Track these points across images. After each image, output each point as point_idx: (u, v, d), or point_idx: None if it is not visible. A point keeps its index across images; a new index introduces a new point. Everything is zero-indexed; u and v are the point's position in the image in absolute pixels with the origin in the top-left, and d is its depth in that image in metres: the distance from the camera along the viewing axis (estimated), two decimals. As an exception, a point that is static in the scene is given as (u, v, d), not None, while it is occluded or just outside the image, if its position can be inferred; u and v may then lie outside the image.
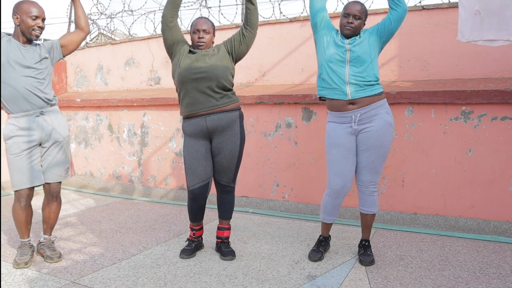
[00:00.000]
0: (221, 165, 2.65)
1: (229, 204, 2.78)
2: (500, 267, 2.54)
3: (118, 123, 4.87)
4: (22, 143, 2.56)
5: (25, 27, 2.52)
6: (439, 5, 3.42)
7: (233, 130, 2.61)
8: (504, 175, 3.09)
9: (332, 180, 2.59)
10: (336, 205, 2.65)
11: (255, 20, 2.60)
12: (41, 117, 2.61)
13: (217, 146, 2.62)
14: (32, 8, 2.52)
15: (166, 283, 2.33)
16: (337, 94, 2.49)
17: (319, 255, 2.67)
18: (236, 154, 2.64)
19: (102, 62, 5.23)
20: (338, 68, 2.48)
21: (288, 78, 4.05)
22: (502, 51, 3.22)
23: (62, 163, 2.72)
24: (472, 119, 3.16)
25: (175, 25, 2.62)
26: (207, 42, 2.60)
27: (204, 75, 2.52)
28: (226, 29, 4.32)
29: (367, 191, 2.60)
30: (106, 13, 5.36)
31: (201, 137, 2.61)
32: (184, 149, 2.67)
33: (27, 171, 2.56)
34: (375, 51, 2.51)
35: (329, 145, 2.60)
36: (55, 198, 2.73)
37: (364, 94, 2.46)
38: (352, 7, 2.50)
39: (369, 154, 2.52)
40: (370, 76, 2.46)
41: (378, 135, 2.49)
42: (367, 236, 2.72)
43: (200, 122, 2.56)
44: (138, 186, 4.73)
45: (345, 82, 2.46)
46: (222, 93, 2.57)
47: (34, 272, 2.49)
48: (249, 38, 2.63)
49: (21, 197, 2.58)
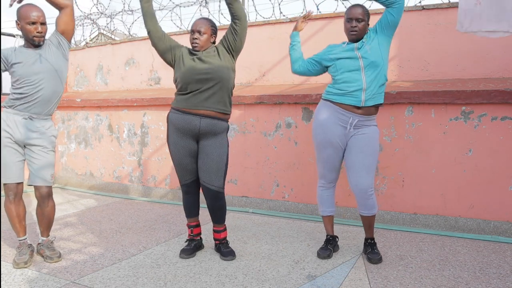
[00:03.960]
0: (210, 167, 2.61)
1: (221, 211, 2.74)
2: (500, 267, 2.54)
3: (118, 123, 4.87)
4: (5, 138, 2.57)
5: (25, 33, 2.52)
6: (439, 5, 3.42)
7: (221, 138, 2.64)
8: (504, 175, 3.09)
9: (326, 174, 2.73)
10: (330, 194, 2.77)
11: (239, 11, 2.56)
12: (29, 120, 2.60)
13: (205, 147, 2.61)
14: (29, 13, 2.49)
15: (166, 283, 2.33)
16: (351, 100, 2.51)
17: (328, 252, 2.68)
18: (224, 160, 2.64)
19: (102, 62, 5.23)
20: (355, 75, 2.50)
21: (288, 78, 4.04)
22: (502, 51, 3.22)
23: (47, 167, 2.67)
24: (472, 119, 3.16)
25: (163, 34, 2.66)
26: (201, 43, 2.59)
27: (208, 76, 2.52)
28: (226, 29, 4.31)
29: (365, 195, 2.58)
30: (106, 13, 5.35)
31: (190, 135, 2.61)
32: (171, 146, 2.66)
33: (12, 167, 2.59)
34: (385, 50, 2.55)
35: (323, 142, 2.62)
36: (46, 202, 2.69)
37: (373, 103, 2.52)
38: (353, 11, 2.51)
39: (363, 155, 2.54)
40: (382, 78, 2.53)
41: (370, 138, 2.56)
42: (370, 234, 2.73)
43: (194, 121, 2.56)
44: (138, 186, 4.73)
45: (362, 89, 2.49)
46: (221, 99, 2.58)
47: (34, 272, 2.49)
48: (241, 30, 2.59)
49: (9, 191, 2.61)
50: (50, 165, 2.69)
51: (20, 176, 2.65)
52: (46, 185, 2.67)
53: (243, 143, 4.07)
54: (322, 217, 2.82)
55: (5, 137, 2.58)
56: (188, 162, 2.66)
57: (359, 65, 2.49)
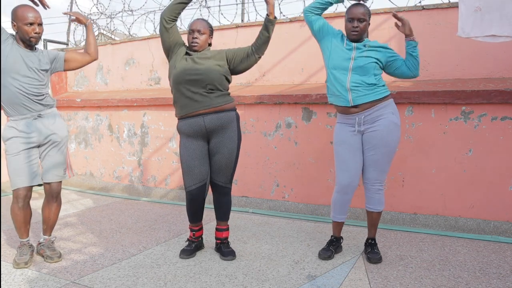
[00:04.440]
0: (219, 164, 2.63)
1: (227, 207, 2.77)
2: (500, 267, 2.54)
3: (118, 123, 4.87)
4: (20, 143, 2.57)
5: (22, 34, 2.51)
6: (439, 5, 3.42)
7: (231, 130, 2.61)
8: (504, 175, 3.09)
9: (339, 176, 2.64)
10: (344, 203, 2.67)
11: (265, 48, 2.63)
12: (39, 120, 2.62)
13: (216, 145, 2.61)
14: (26, 14, 2.49)
15: (166, 283, 2.33)
16: (341, 101, 2.55)
17: (329, 253, 2.68)
18: (234, 154, 2.64)
19: (102, 62, 5.23)
20: (340, 75, 2.51)
21: (288, 78, 4.04)
22: (502, 51, 3.22)
23: (61, 164, 2.74)
24: (472, 119, 3.16)
25: (172, 28, 2.62)
26: (201, 43, 2.60)
27: (198, 77, 2.52)
28: (226, 29, 4.32)
29: (372, 188, 2.62)
30: (106, 13, 5.36)
31: (199, 137, 2.60)
32: (181, 150, 2.66)
33: (24, 171, 2.58)
34: (378, 70, 2.55)
35: (336, 143, 2.65)
36: (55, 199, 2.74)
37: (366, 100, 2.49)
38: (355, 11, 2.50)
39: (374, 153, 2.55)
40: (371, 79, 2.49)
41: (382, 135, 2.51)
42: (373, 234, 2.73)
43: (198, 122, 2.56)
44: (138, 186, 4.73)
45: (347, 89, 2.49)
46: (217, 93, 2.57)
47: (34, 272, 2.49)
48: (252, 61, 2.65)
49: (19, 197, 2.59)
50: (64, 160, 2.77)
51: (32, 179, 2.61)
52: (59, 181, 2.74)
53: (243, 143, 4.05)
54: (332, 221, 2.80)
55: (20, 142, 2.57)
56: (197, 164, 2.61)
57: (348, 66, 2.49)
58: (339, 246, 2.80)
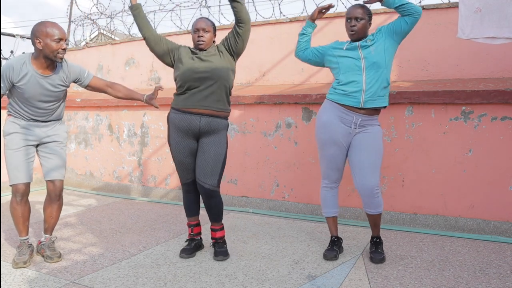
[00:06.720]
0: (206, 164, 2.61)
1: (217, 208, 2.73)
2: (500, 267, 2.54)
3: (118, 123, 4.87)
4: (20, 140, 2.62)
5: (50, 51, 2.48)
6: (439, 5, 3.42)
7: (221, 135, 2.65)
8: (504, 175, 3.09)
9: (329, 173, 2.71)
10: (334, 195, 2.74)
11: (244, 15, 2.56)
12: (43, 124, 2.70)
13: (205, 144, 2.62)
14: (54, 30, 2.47)
15: (166, 283, 2.33)
16: (350, 101, 2.52)
17: (334, 253, 2.67)
18: (221, 158, 2.64)
19: (102, 62, 5.23)
20: (355, 76, 2.50)
21: (288, 78, 4.05)
22: (502, 51, 3.23)
23: (63, 162, 2.78)
24: (472, 119, 3.16)
25: (159, 38, 2.68)
26: (207, 41, 2.62)
27: (206, 75, 2.54)
28: (226, 29, 4.31)
29: (371, 194, 2.56)
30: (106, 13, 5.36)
31: (191, 134, 2.62)
32: (172, 143, 2.68)
33: (23, 167, 2.62)
34: (390, 55, 2.53)
35: (327, 141, 2.61)
36: (58, 198, 2.75)
37: (374, 105, 2.51)
38: (352, 10, 2.53)
39: (368, 153, 2.54)
40: (384, 81, 2.51)
41: (374, 137, 2.56)
42: (377, 233, 2.72)
43: (195, 121, 2.57)
44: (138, 186, 4.73)
45: (362, 90, 2.48)
46: (220, 97, 2.59)
47: (34, 272, 2.49)
48: (244, 34, 2.59)
49: (17, 192, 2.62)
50: (65, 159, 2.80)
51: (30, 176, 2.68)
52: (61, 179, 2.76)
53: (243, 143, 4.07)
54: (326, 218, 2.80)
55: (21, 139, 2.62)
56: (189, 161, 2.67)
57: (361, 66, 2.49)
58: (341, 246, 2.80)
